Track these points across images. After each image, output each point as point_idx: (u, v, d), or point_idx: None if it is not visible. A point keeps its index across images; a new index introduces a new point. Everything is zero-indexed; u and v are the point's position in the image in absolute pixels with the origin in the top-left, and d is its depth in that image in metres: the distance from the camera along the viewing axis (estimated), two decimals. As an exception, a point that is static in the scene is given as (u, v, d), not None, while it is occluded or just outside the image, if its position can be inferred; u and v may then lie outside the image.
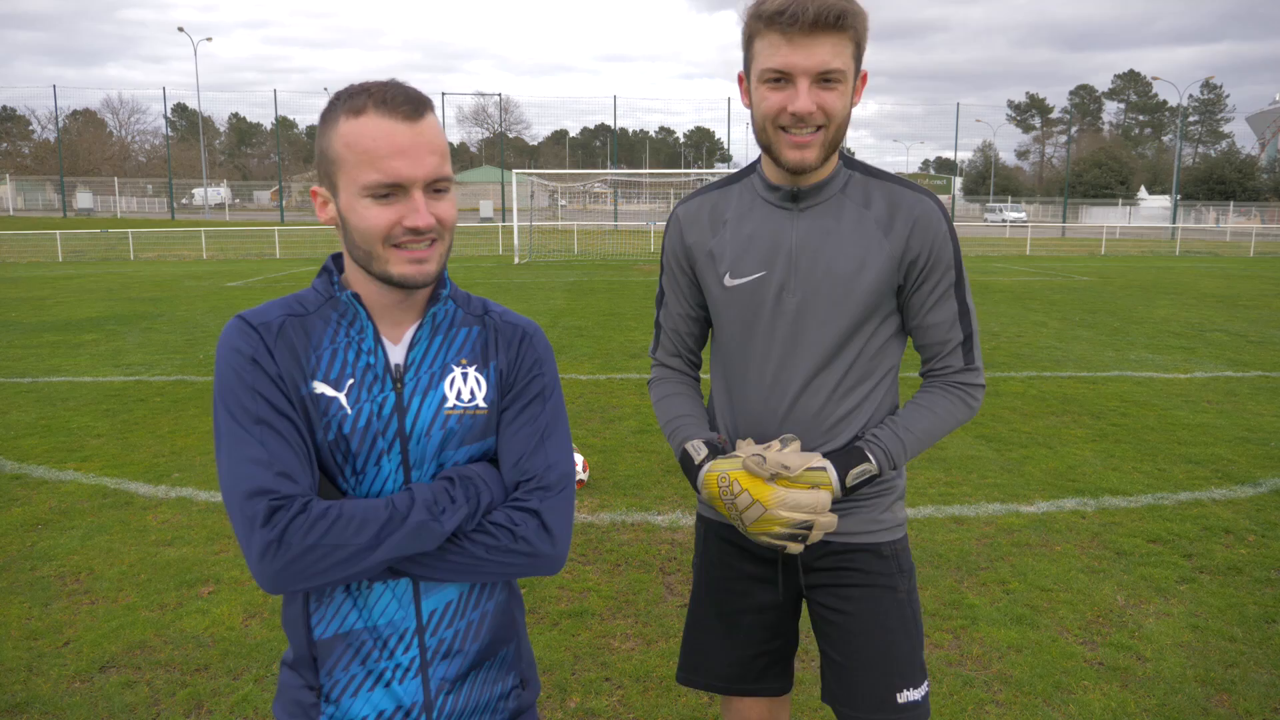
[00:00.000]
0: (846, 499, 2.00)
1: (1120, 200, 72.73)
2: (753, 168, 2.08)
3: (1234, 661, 3.80)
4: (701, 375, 2.30)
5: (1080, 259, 32.35)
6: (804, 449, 1.97)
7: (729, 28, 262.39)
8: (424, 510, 1.45)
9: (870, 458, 1.94)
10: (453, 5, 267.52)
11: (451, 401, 1.55)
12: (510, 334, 1.64)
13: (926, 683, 2.09)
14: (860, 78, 1.89)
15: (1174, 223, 52.21)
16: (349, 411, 1.50)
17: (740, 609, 2.18)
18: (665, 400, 2.21)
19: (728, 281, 2.04)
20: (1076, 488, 6.02)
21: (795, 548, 1.89)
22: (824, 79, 1.80)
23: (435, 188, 1.46)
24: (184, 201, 72.50)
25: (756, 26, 1.83)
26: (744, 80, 1.95)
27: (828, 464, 1.90)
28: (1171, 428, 7.60)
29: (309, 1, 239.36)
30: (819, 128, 1.84)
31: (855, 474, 1.92)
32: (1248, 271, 26.33)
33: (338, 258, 1.61)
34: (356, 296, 1.54)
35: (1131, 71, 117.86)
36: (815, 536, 1.87)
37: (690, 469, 2.02)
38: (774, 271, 1.98)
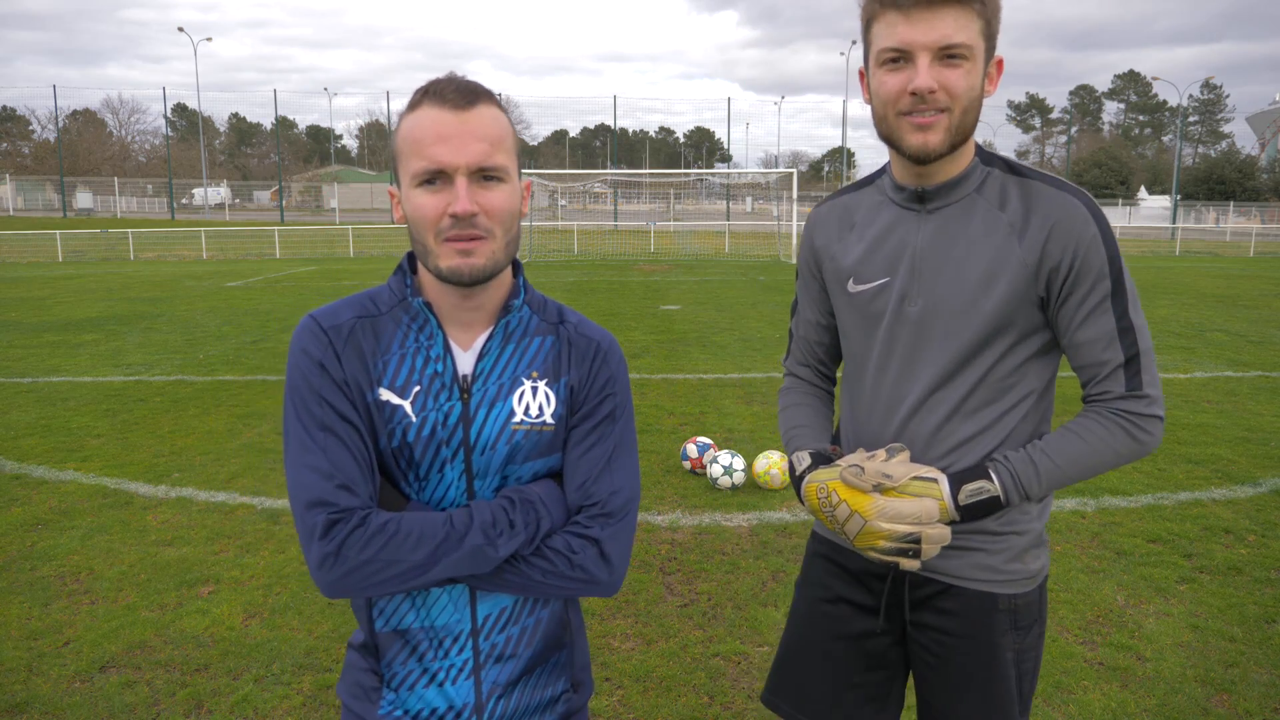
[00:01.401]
0: (965, 529, 1.80)
1: (1120, 200, 72.70)
2: (884, 170, 1.93)
3: (1234, 661, 3.80)
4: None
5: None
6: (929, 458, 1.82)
7: (729, 28, 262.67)
8: (480, 534, 1.45)
9: (992, 476, 1.72)
10: (453, 5, 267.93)
11: (519, 417, 1.53)
12: (585, 348, 1.61)
13: None
14: (994, 63, 1.74)
15: (1174, 223, 52.19)
16: (414, 420, 1.50)
17: (835, 635, 1.99)
18: (786, 411, 2.09)
19: (851, 288, 1.90)
20: (1076, 487, 6.02)
21: (910, 564, 1.73)
22: (947, 55, 1.64)
23: (485, 176, 1.44)
24: (184, 201, 72.45)
25: (873, 8, 1.69)
26: (864, 75, 1.79)
27: (940, 476, 1.73)
28: (1171, 428, 7.60)
29: (309, 1, 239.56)
30: (943, 110, 1.67)
31: (970, 491, 1.71)
32: (1248, 271, 26.33)
33: (413, 256, 1.58)
34: (428, 305, 1.53)
35: (1131, 71, 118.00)
36: (929, 551, 1.71)
37: (794, 480, 1.91)
38: (896, 278, 1.83)
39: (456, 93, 1.43)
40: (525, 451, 1.54)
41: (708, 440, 6.37)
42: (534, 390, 1.56)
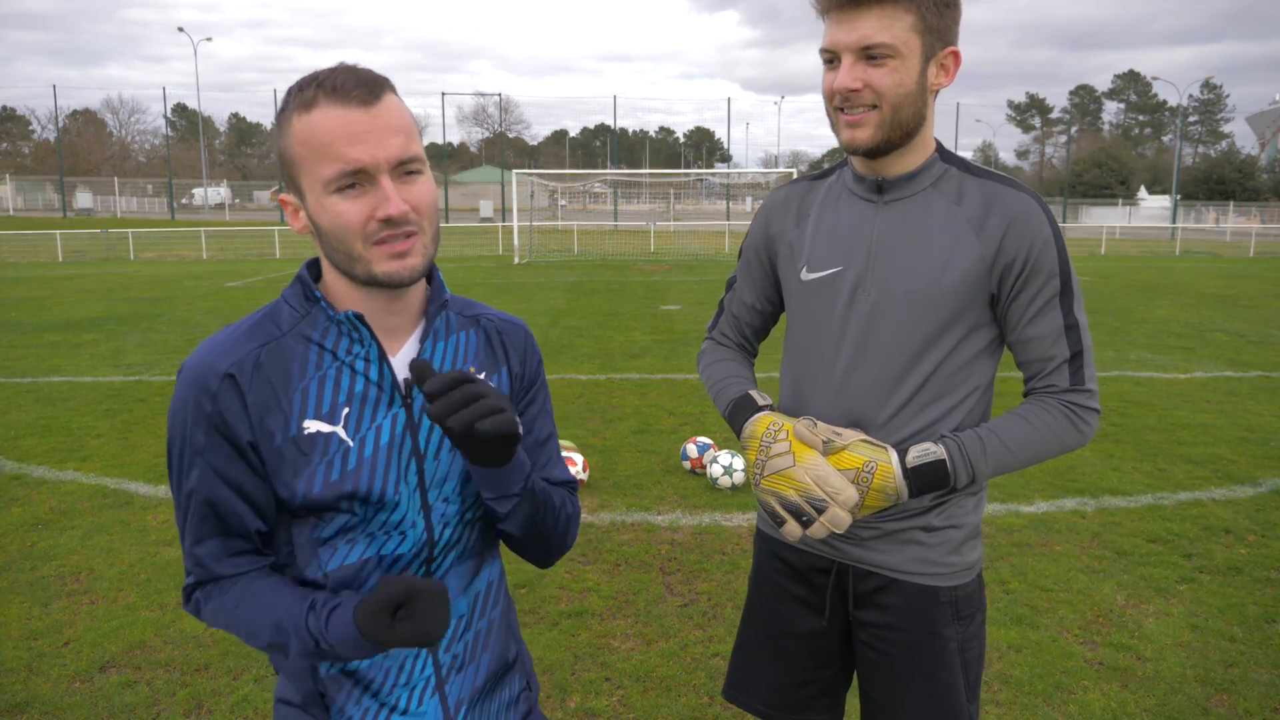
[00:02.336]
0: (905, 524, 1.85)
1: (1120, 200, 72.72)
2: (844, 163, 1.97)
3: (1234, 661, 3.80)
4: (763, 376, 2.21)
5: (1080, 259, 32.34)
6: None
7: (729, 28, 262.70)
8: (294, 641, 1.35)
9: (939, 444, 1.75)
10: (453, 5, 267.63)
11: None
12: (514, 335, 1.57)
13: None
14: (947, 54, 1.76)
15: (1174, 223, 52.19)
16: (350, 444, 1.37)
17: (787, 632, 2.04)
18: (717, 364, 2.11)
19: (804, 275, 1.92)
20: (1076, 488, 6.02)
21: (790, 529, 1.76)
22: (868, 55, 1.69)
23: (406, 170, 1.32)
24: (184, 201, 72.48)
25: (817, 11, 1.76)
26: None
27: (889, 446, 1.76)
28: (1171, 428, 7.60)
29: (310, 1, 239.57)
30: (872, 107, 1.72)
31: (917, 452, 1.73)
32: (1248, 271, 26.33)
33: (313, 264, 1.46)
34: (359, 317, 1.39)
35: (1131, 71, 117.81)
36: (817, 531, 1.74)
37: (744, 412, 1.92)
38: (851, 266, 1.85)
39: (360, 86, 1.29)
40: None
41: (708, 440, 6.37)
42: None
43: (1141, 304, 16.79)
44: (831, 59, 1.75)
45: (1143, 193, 77.24)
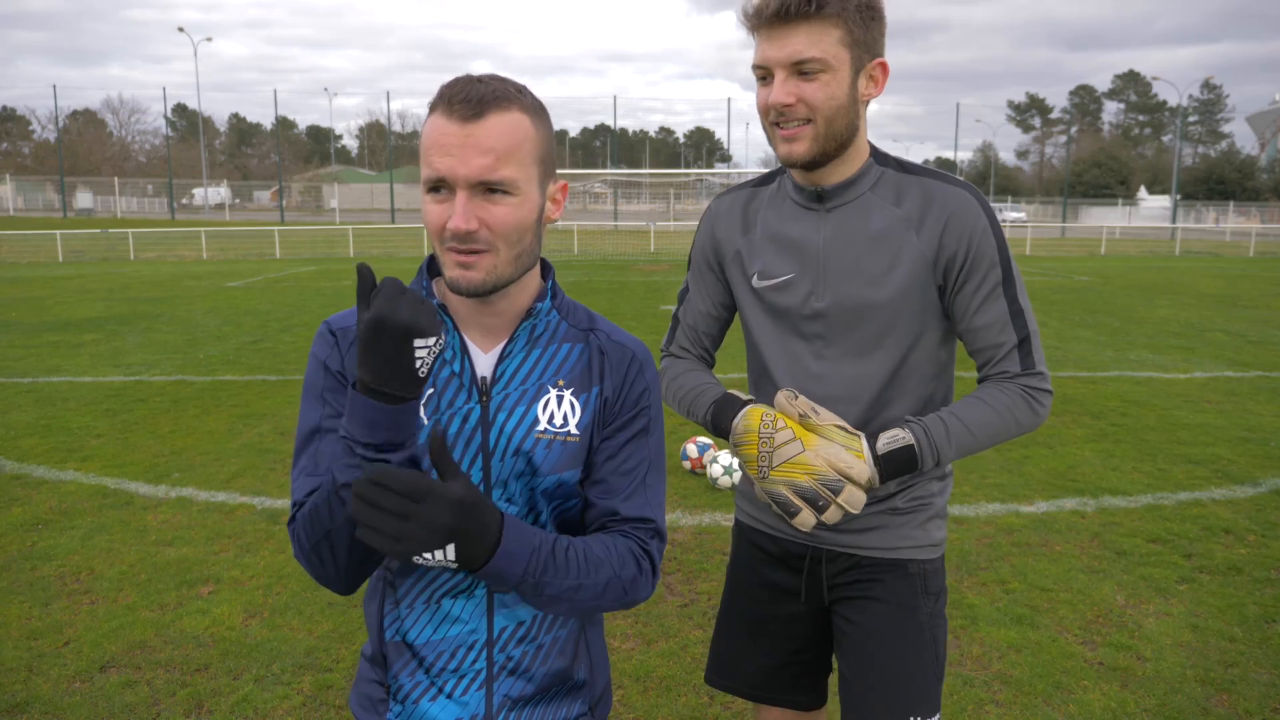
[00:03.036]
0: (874, 508, 1.93)
1: (1120, 200, 72.74)
2: (782, 170, 2.02)
3: (1234, 661, 3.80)
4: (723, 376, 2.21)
5: (1080, 259, 32.34)
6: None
7: (730, 28, 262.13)
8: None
9: (906, 430, 1.81)
10: (455, 5, 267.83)
11: (543, 425, 1.48)
12: (619, 357, 1.55)
13: (938, 717, 1.96)
14: (875, 65, 1.80)
15: (1174, 223, 52.21)
16: (425, 423, 1.45)
17: (766, 617, 2.11)
18: (687, 374, 2.11)
19: (756, 283, 1.98)
20: (1076, 487, 6.02)
21: (805, 518, 1.80)
22: (800, 70, 1.74)
23: (489, 189, 1.38)
24: (184, 201, 72.48)
25: (746, 29, 1.81)
26: None
27: (860, 434, 1.82)
28: (1171, 428, 7.60)
29: (311, 1, 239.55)
30: (806, 120, 1.77)
31: (886, 438, 1.79)
32: (1247, 271, 26.34)
33: (434, 258, 1.53)
34: (443, 306, 1.49)
35: (1131, 71, 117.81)
36: (832, 515, 1.78)
37: (732, 409, 1.93)
38: (801, 275, 1.91)
39: (464, 103, 1.36)
40: (546, 462, 1.48)
41: (708, 440, 6.37)
42: (559, 399, 1.50)
43: (1141, 304, 16.79)
44: (764, 75, 1.79)
45: (1143, 193, 77.29)
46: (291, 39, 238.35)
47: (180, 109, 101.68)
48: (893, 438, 1.80)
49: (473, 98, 1.37)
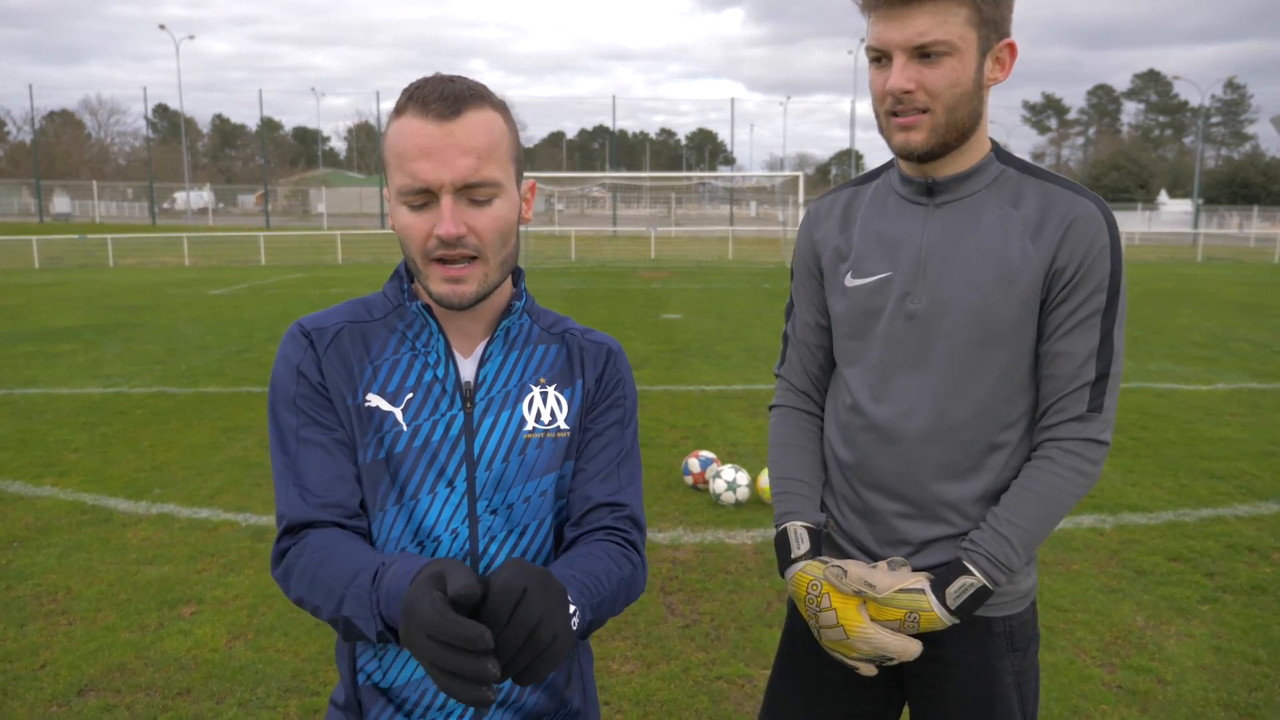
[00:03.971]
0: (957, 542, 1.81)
1: (1140, 204, 72.83)
2: (891, 164, 1.92)
3: (1258, 685, 3.80)
4: None
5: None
6: (926, 496, 1.81)
7: (734, 25, 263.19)
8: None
9: (970, 569, 1.72)
10: (451, 1, 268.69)
11: (531, 424, 1.49)
12: (595, 352, 1.59)
13: None
14: (1003, 47, 1.71)
15: (1195, 228, 52.34)
16: (404, 429, 1.45)
17: (827, 663, 1.93)
18: (782, 449, 2.04)
19: (849, 281, 1.87)
20: (1094, 504, 6.03)
21: (867, 670, 1.77)
22: (922, 53, 1.64)
23: (473, 196, 1.37)
24: (165, 206, 72.62)
25: (859, 6, 1.71)
26: None
27: (925, 584, 1.72)
28: (1193, 441, 7.61)
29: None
30: (923, 110, 1.67)
31: (955, 590, 1.70)
32: (1273, 278, 26.37)
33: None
34: (427, 308, 1.48)
35: (1151, 71, 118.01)
36: (894, 660, 1.75)
37: (784, 556, 1.89)
38: (899, 273, 1.80)
39: (440, 100, 1.35)
40: (538, 463, 1.49)
41: (710, 454, 6.39)
42: (544, 396, 1.52)
43: (1162, 312, 16.82)
44: (879, 57, 1.69)
45: (1163, 196, 77.39)
46: (279, 36, 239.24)
47: (162, 109, 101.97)
48: (962, 587, 1.70)
49: (447, 95, 1.36)
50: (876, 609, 1.72)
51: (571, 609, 1.27)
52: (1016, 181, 1.78)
